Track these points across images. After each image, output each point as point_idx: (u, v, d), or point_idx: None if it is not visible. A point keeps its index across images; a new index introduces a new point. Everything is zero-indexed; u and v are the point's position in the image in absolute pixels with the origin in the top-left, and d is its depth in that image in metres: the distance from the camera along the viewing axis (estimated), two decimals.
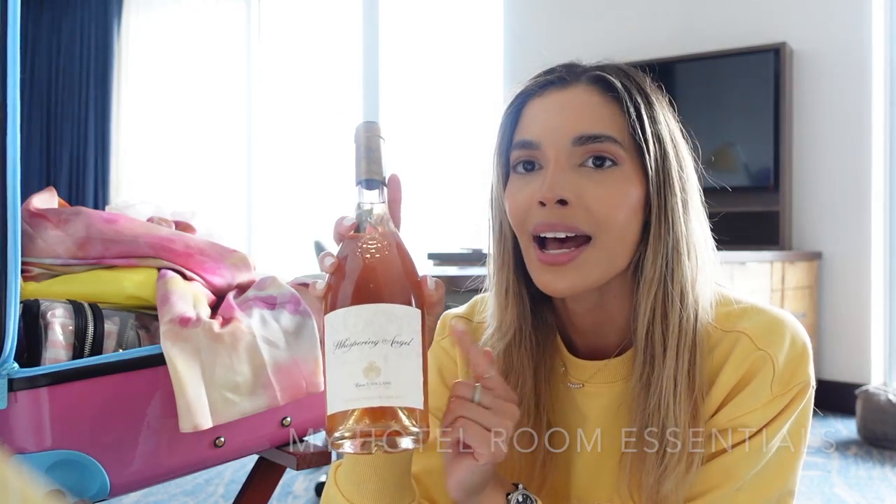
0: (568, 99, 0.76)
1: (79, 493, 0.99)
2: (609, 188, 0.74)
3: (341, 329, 0.63)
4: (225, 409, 1.07)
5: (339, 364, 0.62)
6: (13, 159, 0.92)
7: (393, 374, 0.62)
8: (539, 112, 0.77)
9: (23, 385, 0.95)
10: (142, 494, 2.47)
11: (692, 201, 0.78)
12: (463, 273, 2.70)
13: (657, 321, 0.75)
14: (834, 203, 3.66)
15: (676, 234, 0.75)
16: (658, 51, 3.93)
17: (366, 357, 0.62)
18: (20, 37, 0.92)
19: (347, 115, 5.22)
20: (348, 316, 0.63)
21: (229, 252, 1.26)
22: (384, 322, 0.63)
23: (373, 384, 0.61)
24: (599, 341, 0.83)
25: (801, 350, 0.76)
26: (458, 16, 4.94)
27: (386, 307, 0.63)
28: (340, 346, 0.63)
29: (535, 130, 0.76)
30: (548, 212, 0.74)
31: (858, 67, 3.59)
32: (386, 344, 0.62)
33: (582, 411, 0.83)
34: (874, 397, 3.06)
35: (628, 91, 0.76)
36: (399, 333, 0.63)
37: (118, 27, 5.83)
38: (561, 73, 0.78)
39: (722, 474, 0.74)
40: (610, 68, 0.79)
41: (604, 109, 0.75)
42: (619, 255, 0.76)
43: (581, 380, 0.83)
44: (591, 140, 0.74)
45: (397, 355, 0.63)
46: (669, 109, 0.80)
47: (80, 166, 5.84)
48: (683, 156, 0.79)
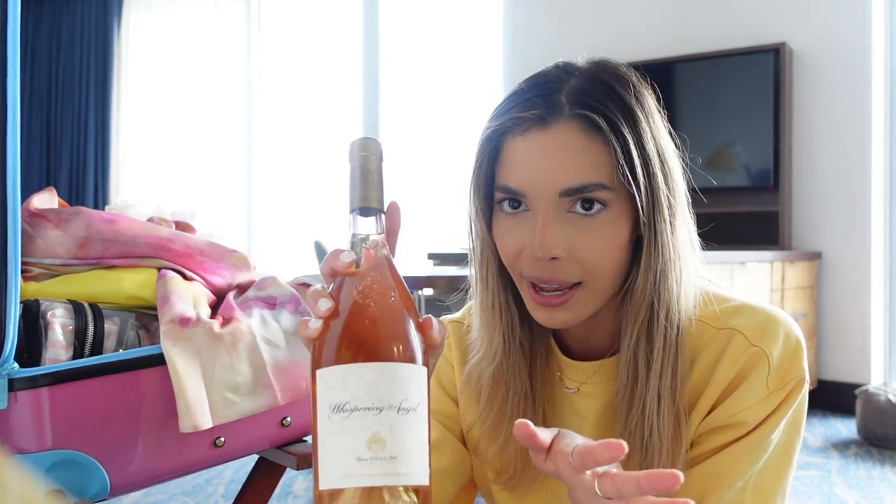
0: (550, 143, 0.72)
1: (79, 493, 0.99)
2: (599, 235, 0.73)
3: (340, 390, 0.55)
4: (225, 409, 1.07)
5: (337, 432, 0.55)
6: (13, 159, 0.92)
7: (400, 447, 0.54)
8: (522, 156, 0.74)
9: (23, 385, 0.95)
10: (142, 494, 2.47)
11: (679, 214, 0.76)
12: (463, 273, 2.70)
13: (642, 343, 0.75)
14: (834, 203, 3.66)
15: (665, 258, 0.74)
16: (658, 51, 3.93)
17: (369, 426, 0.54)
18: (20, 37, 0.92)
19: (347, 115, 5.22)
20: (348, 375, 0.55)
21: (229, 252, 1.26)
22: (389, 384, 0.55)
23: (377, 459, 0.54)
24: (593, 344, 0.83)
25: (796, 345, 0.76)
26: (458, 16, 4.94)
27: (391, 367, 0.56)
28: (339, 410, 0.55)
29: (520, 179, 0.74)
30: (539, 267, 0.74)
31: (858, 67, 3.59)
32: (392, 411, 0.55)
33: (581, 412, 0.83)
34: (874, 397, 3.06)
35: (613, 126, 0.72)
36: (406, 398, 0.55)
37: (118, 27, 5.83)
38: (540, 111, 0.73)
39: (721, 471, 0.74)
40: (591, 94, 0.73)
41: (589, 152, 0.72)
42: (610, 288, 0.77)
43: (577, 381, 0.83)
44: (578, 191, 0.72)
45: (404, 424, 0.55)
46: (656, 113, 0.77)
47: (80, 166, 5.84)
48: (671, 168, 0.76)
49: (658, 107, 0.78)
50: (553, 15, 4.37)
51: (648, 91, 0.77)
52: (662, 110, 0.79)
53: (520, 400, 0.81)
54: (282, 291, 1.23)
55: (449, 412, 0.89)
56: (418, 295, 2.75)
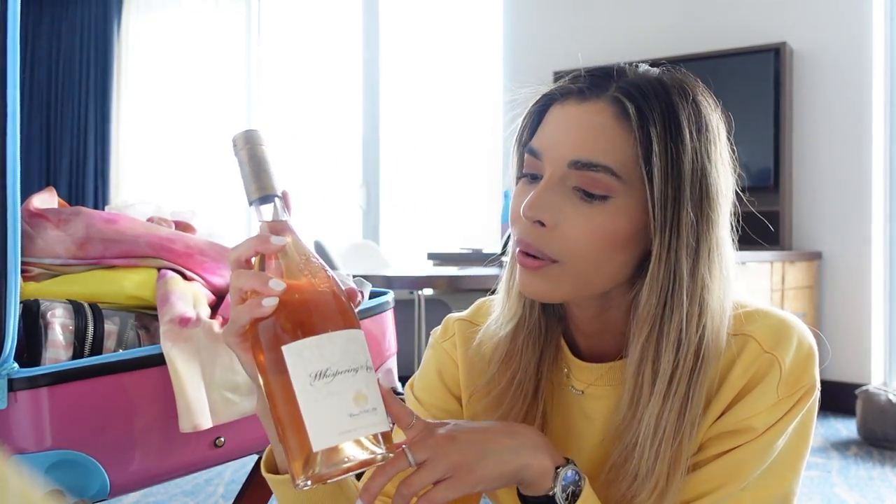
0: (579, 116, 0.74)
1: (79, 493, 0.99)
2: (591, 220, 0.72)
3: (317, 359, 0.60)
4: (225, 409, 1.07)
5: (324, 396, 0.60)
6: (13, 159, 0.92)
7: (375, 399, 0.61)
8: (553, 122, 0.76)
9: (23, 385, 0.95)
10: (142, 494, 2.47)
11: (711, 241, 0.73)
12: (463, 273, 2.70)
13: (647, 363, 0.74)
14: (834, 203, 3.66)
15: (678, 277, 0.72)
16: (658, 51, 3.93)
17: (352, 386, 0.60)
18: (20, 37, 0.92)
19: (347, 115, 5.22)
20: (323, 344, 0.61)
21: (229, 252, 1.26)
22: (356, 348, 0.62)
23: (364, 412, 0.60)
24: (602, 344, 0.83)
25: (808, 353, 0.76)
26: (458, 15, 4.94)
27: (352, 333, 0.63)
28: (321, 376, 0.60)
29: (541, 140, 0.76)
30: (526, 229, 0.74)
31: (858, 67, 3.59)
32: (363, 370, 0.61)
33: (588, 414, 0.83)
34: (874, 397, 3.06)
35: (644, 119, 0.71)
36: (367, 358, 0.63)
37: (118, 27, 5.83)
38: (585, 85, 0.75)
39: (726, 475, 0.74)
40: (641, 89, 0.73)
41: (611, 134, 0.72)
42: (595, 278, 0.75)
43: (584, 382, 0.83)
44: (585, 167, 0.72)
45: (372, 381, 0.62)
46: (717, 137, 0.75)
47: (80, 166, 5.84)
48: (710, 194, 0.73)
49: (726, 136, 0.77)
50: (553, 15, 4.37)
51: (716, 115, 0.77)
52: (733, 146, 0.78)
53: (524, 384, 0.81)
54: None
55: (448, 408, 0.90)
56: (418, 295, 2.75)
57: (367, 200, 5.07)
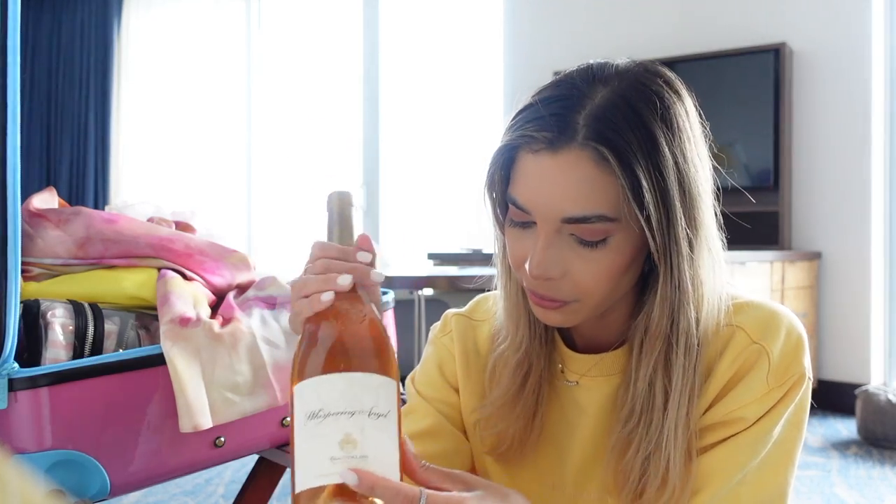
0: (559, 169, 0.71)
1: (79, 493, 0.99)
2: (597, 263, 0.73)
3: (314, 399, 0.59)
4: (225, 409, 1.07)
5: (312, 437, 0.58)
6: (13, 159, 0.92)
7: (370, 447, 0.58)
8: (530, 175, 0.74)
9: (23, 385, 0.95)
10: (142, 494, 2.47)
11: (702, 241, 0.75)
12: (463, 273, 2.70)
13: (659, 373, 0.75)
14: (834, 203, 3.66)
15: (683, 289, 0.74)
16: (658, 51, 3.93)
17: (342, 429, 0.58)
18: (20, 37, 0.92)
19: (347, 114, 5.22)
20: (321, 384, 0.59)
21: (229, 252, 1.26)
22: (360, 392, 0.59)
23: (349, 458, 0.57)
24: (597, 338, 0.84)
25: (797, 342, 0.77)
26: (458, 14, 4.94)
27: (361, 376, 0.60)
28: (313, 416, 0.58)
29: (527, 197, 0.74)
30: (536, 283, 0.76)
31: (858, 67, 3.59)
32: (363, 415, 0.58)
33: (580, 405, 0.84)
34: (874, 397, 3.06)
35: (625, 161, 0.70)
36: (376, 405, 0.59)
37: (118, 27, 5.83)
38: (553, 135, 0.71)
39: (719, 465, 0.75)
40: (609, 121, 0.70)
41: (595, 183, 0.71)
42: (609, 302, 0.78)
43: (577, 373, 0.84)
44: (579, 221, 0.72)
45: (374, 428, 0.59)
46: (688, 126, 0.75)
47: (80, 166, 5.84)
48: (693, 196, 0.73)
49: (696, 120, 0.77)
50: (553, 15, 4.37)
51: (682, 102, 0.76)
52: (704, 123, 0.78)
53: (536, 381, 0.83)
54: (282, 291, 1.23)
55: (449, 400, 0.91)
56: (418, 295, 2.75)
57: (367, 200, 5.07)
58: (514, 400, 0.84)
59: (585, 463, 0.84)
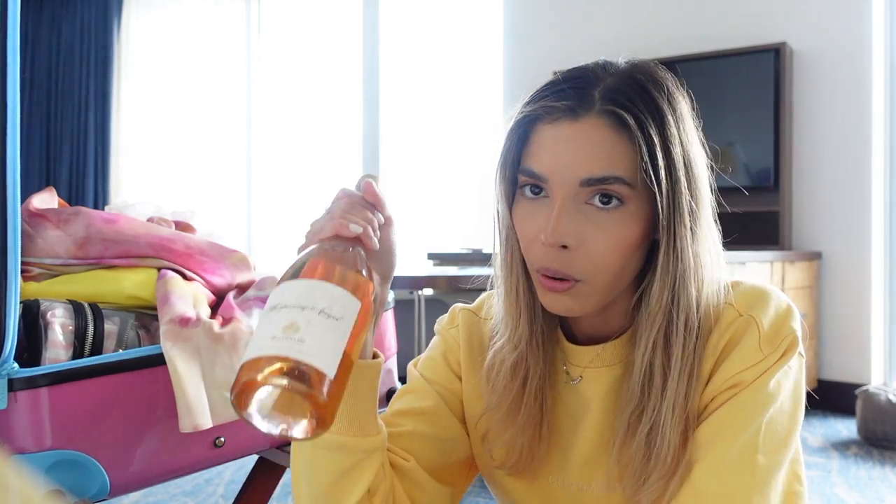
0: (578, 134, 0.75)
1: (79, 493, 0.99)
2: (612, 231, 0.75)
3: (277, 297, 0.63)
4: (225, 409, 1.07)
5: (265, 324, 0.62)
6: (13, 159, 0.92)
7: (311, 336, 0.60)
8: (548, 143, 0.76)
9: (23, 385, 0.95)
10: (142, 494, 2.47)
11: (702, 221, 0.77)
12: (463, 273, 2.70)
13: (658, 353, 0.77)
14: (834, 203, 3.66)
15: (685, 264, 0.76)
16: (658, 51, 3.93)
17: (289, 316, 0.61)
18: (20, 37, 0.92)
19: (347, 114, 5.22)
20: (289, 286, 0.64)
21: (229, 252, 1.26)
22: (318, 295, 0.63)
23: (287, 338, 0.59)
24: (598, 330, 0.85)
25: (786, 309, 0.79)
26: (458, 14, 4.94)
27: (324, 284, 0.64)
28: (271, 309, 0.62)
29: (545, 163, 0.76)
30: (549, 255, 0.76)
31: (858, 67, 3.59)
32: (313, 311, 0.61)
33: (584, 399, 0.85)
34: (874, 397, 3.06)
35: (641, 126, 0.74)
36: (330, 307, 0.62)
37: (118, 27, 5.83)
38: (572, 103, 0.75)
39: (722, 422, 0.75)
40: (624, 93, 0.75)
41: (614, 147, 0.74)
42: (618, 286, 0.78)
43: (580, 367, 0.85)
44: (598, 182, 0.74)
45: (321, 325, 0.61)
46: (688, 120, 0.79)
47: (80, 166, 5.83)
48: (696, 175, 0.77)
49: (693, 114, 0.80)
50: (553, 14, 4.37)
51: (683, 97, 0.80)
52: (698, 119, 0.80)
53: (537, 385, 0.84)
54: None
55: (451, 387, 0.92)
56: (418, 295, 2.75)
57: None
58: (515, 407, 0.84)
59: (591, 456, 0.84)
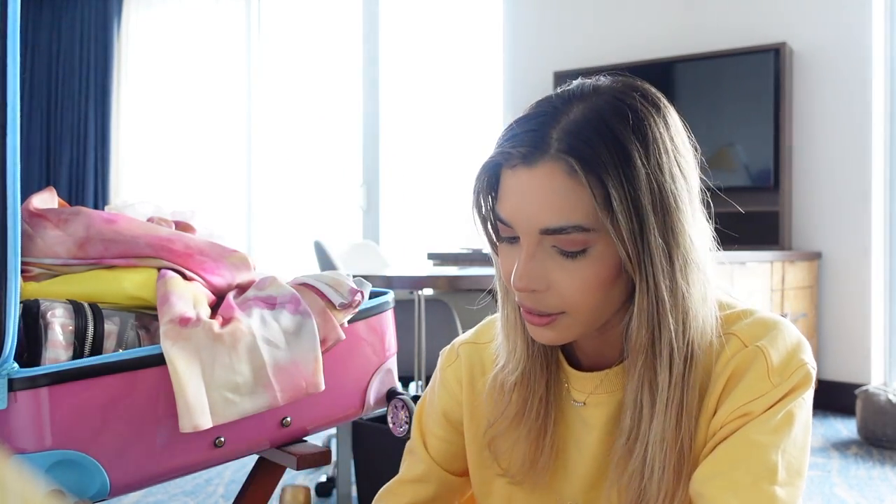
0: (534, 183, 0.74)
1: (79, 493, 0.98)
2: (578, 275, 0.75)
3: None
4: (225, 409, 1.07)
5: None
6: (13, 159, 0.92)
7: None
8: (510, 192, 0.76)
9: (23, 385, 0.95)
10: (142, 494, 2.48)
11: (682, 248, 0.74)
12: (463, 273, 2.70)
13: (645, 384, 0.76)
14: (834, 203, 3.66)
15: (660, 300, 0.74)
16: (658, 51, 3.93)
17: None
18: (20, 37, 0.92)
19: (347, 114, 5.22)
20: None
21: (229, 252, 1.26)
22: None
23: None
24: (600, 356, 0.85)
25: (796, 341, 0.78)
26: (458, 14, 4.94)
27: None
28: None
29: (508, 212, 0.77)
30: (523, 296, 0.78)
31: (858, 67, 3.59)
32: None
33: (588, 423, 0.85)
34: (874, 397, 3.06)
35: (595, 171, 0.71)
36: None
37: (118, 27, 5.83)
38: (527, 150, 0.74)
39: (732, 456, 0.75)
40: (580, 134, 0.72)
41: (570, 195, 0.72)
42: (601, 316, 0.78)
43: (584, 393, 0.85)
44: (556, 232, 0.74)
45: None
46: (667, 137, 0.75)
47: (80, 166, 5.83)
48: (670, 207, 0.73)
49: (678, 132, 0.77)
50: (553, 15, 4.37)
51: (661, 116, 0.76)
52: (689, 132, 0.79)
53: (538, 403, 0.85)
54: (282, 291, 1.23)
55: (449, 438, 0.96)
56: (418, 295, 2.74)
57: (367, 200, 5.07)
58: (518, 417, 0.85)
59: (595, 478, 0.84)
